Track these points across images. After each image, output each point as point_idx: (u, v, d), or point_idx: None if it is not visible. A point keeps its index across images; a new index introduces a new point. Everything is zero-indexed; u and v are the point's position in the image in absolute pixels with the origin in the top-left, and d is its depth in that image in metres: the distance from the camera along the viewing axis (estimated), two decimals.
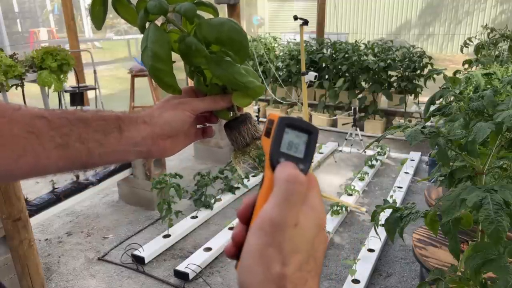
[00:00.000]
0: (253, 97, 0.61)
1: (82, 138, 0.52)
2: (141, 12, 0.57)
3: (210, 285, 2.52)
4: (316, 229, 0.36)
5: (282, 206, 0.34)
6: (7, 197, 1.91)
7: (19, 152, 0.48)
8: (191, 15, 0.56)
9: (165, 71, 0.58)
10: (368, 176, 3.93)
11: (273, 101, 5.94)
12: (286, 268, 0.33)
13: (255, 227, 0.34)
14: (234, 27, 0.56)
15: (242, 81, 0.58)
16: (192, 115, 0.59)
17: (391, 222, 1.32)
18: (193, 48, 0.57)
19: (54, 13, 14.80)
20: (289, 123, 0.38)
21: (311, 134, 0.39)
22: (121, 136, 0.55)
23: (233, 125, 0.63)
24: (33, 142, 0.48)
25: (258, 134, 0.63)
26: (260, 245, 0.33)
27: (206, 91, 0.63)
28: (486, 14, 11.24)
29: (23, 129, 0.48)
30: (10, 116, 0.48)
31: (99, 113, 0.55)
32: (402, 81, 5.19)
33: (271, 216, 0.34)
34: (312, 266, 0.35)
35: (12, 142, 0.47)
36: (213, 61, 0.58)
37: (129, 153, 0.56)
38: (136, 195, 3.50)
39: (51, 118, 0.50)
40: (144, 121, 0.57)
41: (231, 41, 0.57)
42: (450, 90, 1.42)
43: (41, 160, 0.49)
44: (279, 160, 0.37)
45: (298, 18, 3.27)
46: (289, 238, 0.33)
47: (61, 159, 0.51)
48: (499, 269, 1.07)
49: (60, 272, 2.69)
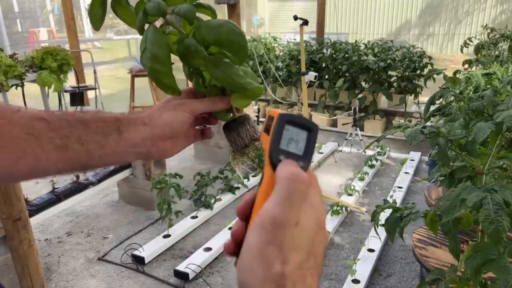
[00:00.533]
0: (251, 98, 0.62)
1: (81, 139, 0.52)
2: (140, 13, 0.57)
3: (210, 285, 2.52)
4: (316, 228, 0.36)
5: (284, 205, 0.34)
6: (7, 197, 1.91)
7: (18, 154, 0.48)
8: (190, 16, 0.56)
9: (164, 73, 0.58)
10: (368, 176, 3.93)
11: (273, 101, 5.95)
12: (286, 266, 0.33)
13: (255, 225, 0.34)
14: (233, 28, 0.57)
15: (240, 82, 0.58)
16: (191, 116, 0.59)
17: (391, 222, 1.32)
18: (192, 50, 0.57)
19: (54, 13, 14.80)
20: (289, 119, 0.38)
21: (311, 131, 0.38)
22: (120, 138, 0.55)
23: (232, 126, 0.63)
24: (33, 143, 0.49)
25: (257, 135, 0.63)
26: (260, 244, 0.33)
27: (205, 93, 0.63)
28: (486, 14, 11.24)
29: (22, 130, 0.48)
30: (10, 117, 0.48)
31: (99, 115, 0.55)
32: (402, 81, 5.19)
33: (272, 214, 0.33)
34: (312, 264, 0.35)
35: (11, 143, 0.47)
36: (212, 63, 0.58)
37: (128, 154, 0.56)
38: (136, 195, 3.50)
39: (50, 120, 0.51)
40: (144, 122, 0.57)
41: (229, 42, 0.57)
42: (450, 90, 1.42)
43: (41, 161, 0.50)
44: (278, 157, 0.37)
45: (298, 18, 3.27)
46: (290, 236, 0.33)
47: (60, 160, 0.51)
48: (499, 269, 1.07)
49: (60, 272, 2.69)
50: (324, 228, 0.38)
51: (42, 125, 0.50)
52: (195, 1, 0.59)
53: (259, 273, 0.33)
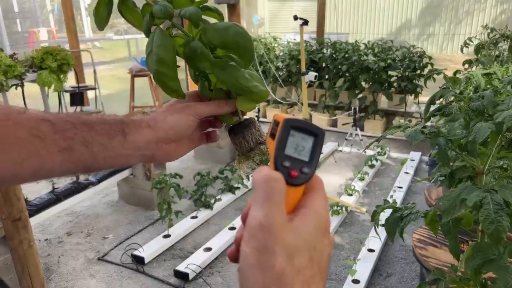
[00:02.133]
0: (257, 101, 0.61)
1: (86, 141, 0.52)
2: (146, 16, 0.57)
3: (210, 285, 2.52)
4: (316, 232, 0.35)
5: (266, 207, 0.33)
6: (7, 197, 1.91)
7: (23, 155, 0.48)
8: (197, 19, 0.55)
9: (169, 76, 0.58)
10: (368, 176, 3.93)
11: (273, 101, 5.94)
12: (285, 270, 0.32)
13: (246, 235, 0.34)
14: (239, 31, 0.56)
15: (246, 85, 0.58)
16: (196, 119, 0.59)
17: (391, 222, 1.32)
18: (198, 53, 0.57)
19: (54, 13, 14.79)
20: (295, 125, 0.38)
21: (317, 136, 0.38)
22: (124, 140, 0.55)
23: (237, 130, 0.63)
24: (38, 145, 0.49)
25: (262, 138, 0.62)
26: (255, 251, 0.33)
27: (211, 96, 0.63)
28: (486, 14, 11.24)
29: (28, 132, 0.48)
30: (15, 119, 0.48)
31: (104, 117, 0.55)
32: (402, 81, 5.19)
33: (258, 220, 0.33)
34: (316, 271, 0.34)
35: (17, 145, 0.48)
36: (218, 66, 0.58)
37: (133, 157, 0.56)
38: (136, 195, 3.50)
39: (55, 122, 0.51)
40: (148, 125, 0.57)
41: (236, 45, 0.57)
42: (450, 90, 1.42)
43: (46, 163, 0.50)
44: (283, 163, 0.37)
45: (298, 18, 3.27)
46: (281, 239, 0.33)
47: (65, 162, 0.51)
48: (499, 269, 1.07)
49: (60, 272, 2.69)
50: (328, 234, 0.37)
51: (47, 126, 0.50)
52: (202, 4, 0.58)
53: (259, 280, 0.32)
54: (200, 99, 0.63)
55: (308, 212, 0.36)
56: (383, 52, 5.41)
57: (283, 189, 0.35)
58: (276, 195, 0.34)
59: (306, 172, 0.37)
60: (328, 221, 0.37)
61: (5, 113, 0.48)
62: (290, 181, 0.36)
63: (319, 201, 0.37)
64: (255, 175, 0.35)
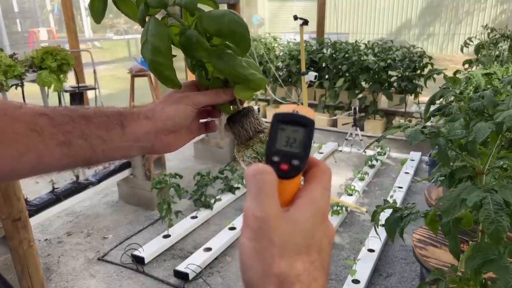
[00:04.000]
0: (255, 89, 0.60)
1: (84, 135, 0.52)
2: (141, 5, 0.56)
3: (210, 285, 2.52)
4: (314, 221, 0.36)
5: (258, 199, 0.34)
6: (7, 197, 1.91)
7: (22, 150, 0.48)
8: (192, 7, 0.55)
9: (165, 65, 0.57)
10: (368, 176, 3.93)
11: (273, 101, 5.94)
12: (283, 259, 0.33)
13: (243, 227, 0.35)
14: (235, 18, 0.56)
15: (243, 73, 0.57)
16: (195, 109, 0.59)
17: (391, 222, 1.32)
18: (194, 41, 0.56)
19: (54, 13, 14.79)
20: (283, 119, 0.38)
21: (306, 126, 0.38)
22: (123, 132, 0.55)
23: (235, 118, 0.62)
24: (36, 140, 0.49)
25: (261, 127, 0.62)
26: (252, 242, 0.34)
27: (208, 85, 0.62)
28: (486, 14, 11.24)
29: (25, 127, 0.48)
30: (12, 114, 0.48)
31: (101, 110, 0.55)
32: (402, 81, 5.19)
33: (252, 212, 0.34)
34: (316, 257, 0.35)
35: (15, 140, 0.47)
36: (214, 54, 0.57)
37: (132, 148, 0.56)
38: (136, 195, 3.50)
39: (53, 116, 0.50)
40: (146, 116, 0.57)
41: (232, 33, 0.56)
42: (450, 90, 1.42)
43: (44, 157, 0.50)
44: (272, 158, 0.37)
45: (298, 18, 3.27)
46: (276, 227, 0.33)
47: (64, 156, 0.51)
48: (499, 269, 1.07)
49: (60, 272, 2.69)
50: (327, 222, 0.37)
51: (45, 121, 0.50)
52: None
53: (259, 269, 0.33)
54: (197, 88, 0.63)
55: (304, 201, 0.36)
56: (383, 52, 5.41)
57: (273, 180, 0.35)
58: (266, 186, 0.35)
59: (296, 165, 0.37)
60: (326, 209, 0.38)
61: (2, 108, 0.48)
62: (282, 175, 0.37)
63: (317, 189, 0.37)
64: (247, 170, 0.36)
